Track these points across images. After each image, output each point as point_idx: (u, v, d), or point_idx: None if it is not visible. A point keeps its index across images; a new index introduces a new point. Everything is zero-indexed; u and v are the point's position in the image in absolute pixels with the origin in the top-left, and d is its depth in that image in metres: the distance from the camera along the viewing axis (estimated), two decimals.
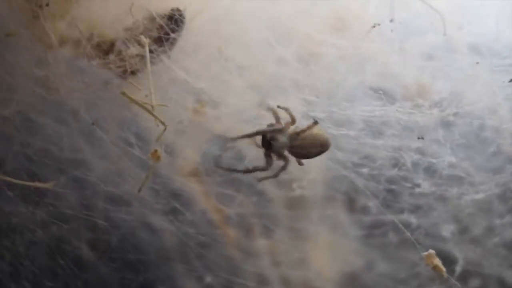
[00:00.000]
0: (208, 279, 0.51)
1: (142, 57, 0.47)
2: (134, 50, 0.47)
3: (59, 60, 0.47)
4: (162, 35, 0.47)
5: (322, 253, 0.54)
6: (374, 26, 0.45)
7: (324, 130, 0.47)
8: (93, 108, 0.47)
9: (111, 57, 0.47)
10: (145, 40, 0.46)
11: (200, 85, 0.48)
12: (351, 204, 0.52)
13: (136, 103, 0.46)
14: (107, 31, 0.47)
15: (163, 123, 0.46)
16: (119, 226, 0.50)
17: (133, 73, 0.47)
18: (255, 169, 0.47)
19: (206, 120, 0.49)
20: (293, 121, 0.47)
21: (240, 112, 0.49)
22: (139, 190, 0.48)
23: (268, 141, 0.46)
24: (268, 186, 0.51)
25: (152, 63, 0.47)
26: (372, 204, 0.50)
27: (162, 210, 0.50)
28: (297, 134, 0.46)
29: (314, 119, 0.46)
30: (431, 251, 0.43)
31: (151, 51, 0.47)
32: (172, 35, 0.47)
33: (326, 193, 0.51)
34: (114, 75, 0.47)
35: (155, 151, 0.47)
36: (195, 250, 0.51)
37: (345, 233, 0.53)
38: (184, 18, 0.47)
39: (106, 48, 0.47)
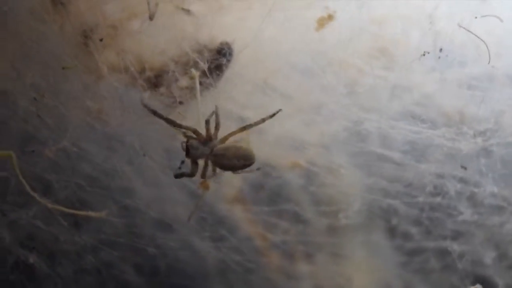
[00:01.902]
0: None
1: (191, 88, 0.49)
2: (183, 81, 0.48)
3: (111, 92, 0.48)
4: (210, 67, 0.48)
5: (362, 278, 0.55)
6: (424, 54, 0.46)
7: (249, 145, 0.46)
8: (143, 138, 0.48)
9: (162, 89, 0.48)
10: (195, 73, 0.48)
11: (245, 114, 0.50)
12: (393, 231, 0.53)
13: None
14: (157, 63, 0.49)
15: None
16: (166, 252, 0.51)
17: (181, 103, 0.49)
18: (182, 175, 0.46)
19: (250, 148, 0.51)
20: (217, 126, 0.46)
21: (284, 139, 0.50)
22: (189, 219, 0.49)
23: (187, 148, 0.45)
24: (313, 216, 0.52)
25: (200, 94, 0.48)
26: (415, 231, 0.51)
27: (208, 236, 0.51)
28: (220, 142, 0.45)
29: (243, 126, 0.46)
30: (478, 286, 0.44)
31: (199, 83, 0.48)
32: (220, 67, 0.48)
33: (368, 219, 0.52)
34: (163, 106, 0.49)
35: (204, 180, 0.49)
36: (240, 275, 0.52)
37: (386, 258, 0.54)
38: (232, 51, 0.48)
39: (156, 80, 0.49)
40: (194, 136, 0.46)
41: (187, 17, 0.48)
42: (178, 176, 0.47)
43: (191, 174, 0.46)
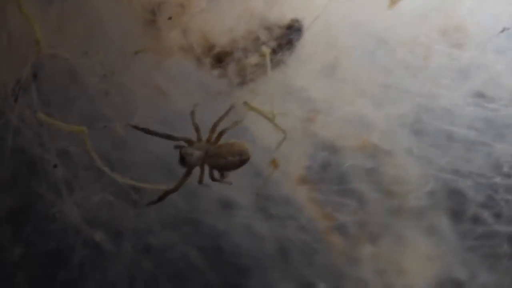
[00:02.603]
0: (319, 285, 0.52)
1: (260, 66, 0.48)
2: (253, 59, 0.48)
3: (179, 70, 0.48)
4: (280, 45, 0.48)
5: (425, 263, 0.54)
6: (502, 31, 0.45)
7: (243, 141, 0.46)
8: (210, 117, 0.48)
9: (231, 67, 0.48)
10: (266, 51, 0.47)
11: (314, 94, 0.49)
12: (462, 214, 0.51)
13: (258, 112, 0.47)
14: (225, 41, 0.48)
15: (283, 131, 0.47)
16: (229, 233, 0.51)
17: (251, 80, 0.48)
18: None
19: (317, 128, 0.50)
20: (198, 136, 0.46)
21: (352, 120, 0.50)
22: (257, 197, 0.49)
23: (182, 156, 0.45)
24: (380, 196, 0.51)
25: (270, 71, 0.48)
26: (486, 214, 0.50)
27: (272, 216, 0.50)
28: (213, 143, 0.45)
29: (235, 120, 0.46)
30: None
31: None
32: (290, 45, 0.48)
33: (438, 201, 0.51)
34: (232, 85, 0.48)
35: (274, 159, 0.48)
36: (303, 256, 0.51)
37: (451, 243, 0.53)
38: (302, 28, 0.48)
39: (224, 58, 0.48)
40: (186, 144, 0.46)
41: None
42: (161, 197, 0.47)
43: (175, 189, 0.46)
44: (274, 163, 0.48)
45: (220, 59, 0.48)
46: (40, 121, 0.45)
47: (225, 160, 0.45)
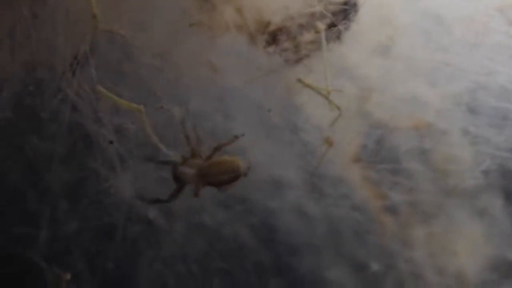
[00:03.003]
0: (372, 266, 0.51)
1: (314, 43, 0.48)
2: (308, 36, 0.48)
3: (233, 47, 0.48)
4: (335, 21, 0.47)
5: (479, 244, 0.53)
6: None
7: (233, 156, 0.47)
8: (267, 95, 0.48)
9: (285, 44, 0.48)
10: (322, 27, 0.47)
11: (369, 71, 0.49)
12: None
13: (313, 88, 0.47)
14: (280, 18, 0.48)
15: (338, 108, 0.47)
16: (282, 212, 0.51)
17: (307, 56, 0.48)
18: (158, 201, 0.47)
19: (371, 106, 0.50)
20: (198, 142, 0.46)
21: (406, 99, 0.49)
22: (311, 176, 0.49)
23: (176, 176, 0.46)
24: (434, 175, 0.50)
25: (326, 48, 0.48)
26: None
27: (324, 195, 0.50)
28: (206, 159, 0.46)
29: (235, 135, 0.46)
30: None
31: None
32: (346, 21, 0.47)
33: (490, 182, 0.50)
34: (287, 62, 0.48)
35: (329, 137, 0.48)
36: (354, 236, 0.51)
37: (505, 224, 0.52)
38: (357, 4, 0.47)
39: (279, 35, 0.48)
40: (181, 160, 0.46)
41: None
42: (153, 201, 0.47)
43: (167, 200, 0.47)
44: (328, 141, 0.48)
45: (274, 36, 0.48)
46: (99, 94, 0.45)
47: (216, 179, 0.46)
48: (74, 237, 0.48)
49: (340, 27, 0.47)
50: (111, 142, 0.46)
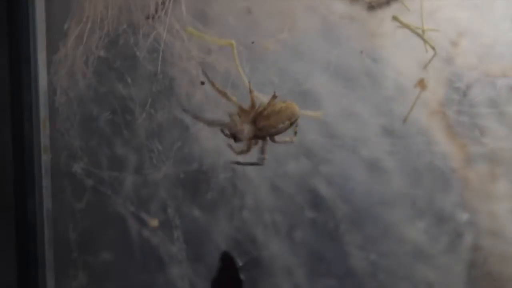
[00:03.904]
0: (455, 217, 0.50)
1: None
2: None
3: None
4: None
5: None
6: None
7: (286, 101, 0.46)
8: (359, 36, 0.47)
9: None
10: None
11: (462, 15, 0.48)
12: None
13: (407, 27, 0.46)
14: None
15: (433, 48, 0.46)
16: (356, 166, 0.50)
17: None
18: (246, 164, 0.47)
19: (459, 52, 0.48)
20: (253, 105, 0.45)
21: (499, 45, 0.48)
22: (405, 120, 0.47)
23: (234, 135, 0.45)
24: None
25: None
26: None
27: (404, 147, 0.49)
28: (260, 114, 0.45)
29: (273, 94, 0.45)
30: None
31: None
32: None
33: None
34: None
35: (422, 79, 0.47)
36: (433, 190, 0.49)
37: None
38: None
39: None
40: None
41: None
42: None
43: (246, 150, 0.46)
44: (421, 84, 0.47)
45: None
46: (190, 34, 0.44)
47: (275, 129, 0.45)
48: (163, 181, 0.47)
49: None
50: (202, 83, 0.46)
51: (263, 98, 0.47)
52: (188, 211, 0.49)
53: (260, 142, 0.47)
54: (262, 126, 0.45)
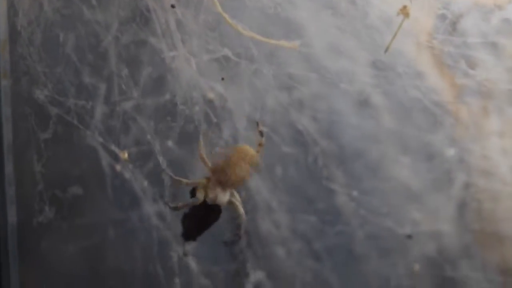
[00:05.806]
0: (445, 153, 0.48)
1: None
2: None
3: None
4: None
5: None
6: None
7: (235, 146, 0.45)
8: None
9: None
10: None
11: None
12: None
13: None
14: None
15: None
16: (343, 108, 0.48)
17: None
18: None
19: None
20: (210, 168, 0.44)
21: None
22: (386, 51, 0.46)
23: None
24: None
25: None
26: None
27: (393, 81, 0.47)
28: (221, 173, 0.44)
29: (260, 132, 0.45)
30: None
31: None
32: None
33: None
34: None
35: (404, 7, 0.45)
36: (424, 127, 0.48)
37: None
38: None
39: None
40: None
41: None
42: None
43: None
44: (404, 11, 0.45)
45: None
46: None
47: (238, 177, 0.44)
48: (136, 108, 0.45)
49: None
50: (172, 6, 0.43)
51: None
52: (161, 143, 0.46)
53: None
54: (229, 182, 0.44)
